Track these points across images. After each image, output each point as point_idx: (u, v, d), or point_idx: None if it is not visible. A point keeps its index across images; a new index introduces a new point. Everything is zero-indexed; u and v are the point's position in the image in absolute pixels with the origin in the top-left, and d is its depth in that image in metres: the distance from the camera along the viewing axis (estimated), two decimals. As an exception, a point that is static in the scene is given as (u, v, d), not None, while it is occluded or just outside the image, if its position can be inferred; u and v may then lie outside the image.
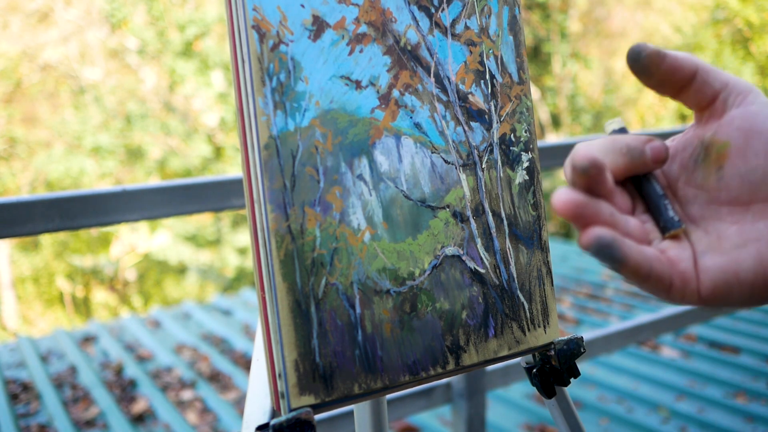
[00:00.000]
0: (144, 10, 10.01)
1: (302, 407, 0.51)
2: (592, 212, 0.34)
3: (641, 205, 0.39)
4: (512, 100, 0.63)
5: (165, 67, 10.00)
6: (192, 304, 4.55)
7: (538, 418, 2.65)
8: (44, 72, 10.58)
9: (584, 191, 0.35)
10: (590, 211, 0.34)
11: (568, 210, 0.34)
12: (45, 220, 1.13)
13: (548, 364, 0.64)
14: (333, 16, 0.55)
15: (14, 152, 10.28)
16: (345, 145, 0.55)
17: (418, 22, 0.59)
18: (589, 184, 0.35)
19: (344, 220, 0.54)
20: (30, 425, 2.73)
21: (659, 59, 0.37)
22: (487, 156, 0.61)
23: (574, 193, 0.34)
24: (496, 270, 0.61)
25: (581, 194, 0.34)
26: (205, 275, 10.31)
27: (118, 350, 3.60)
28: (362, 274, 0.54)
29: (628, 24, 12.22)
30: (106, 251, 11.07)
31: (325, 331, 0.52)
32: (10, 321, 10.32)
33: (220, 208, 1.32)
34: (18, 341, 3.83)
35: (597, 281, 4.49)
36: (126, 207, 1.21)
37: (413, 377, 0.56)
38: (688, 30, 11.31)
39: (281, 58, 0.52)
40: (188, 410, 2.87)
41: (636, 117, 11.98)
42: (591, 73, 12.06)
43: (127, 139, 9.84)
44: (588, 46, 12.15)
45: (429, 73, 0.59)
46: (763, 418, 2.51)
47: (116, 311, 10.89)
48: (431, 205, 0.58)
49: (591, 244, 0.33)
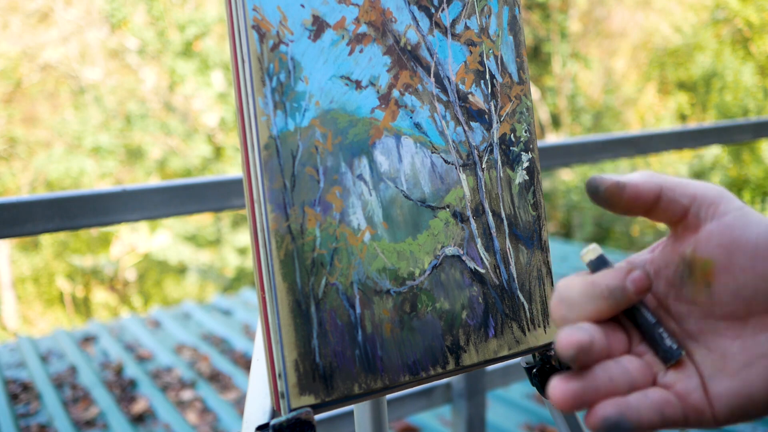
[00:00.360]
0: (144, 10, 10.01)
1: (302, 407, 0.51)
2: (591, 394, 0.34)
3: (637, 334, 0.38)
4: (512, 100, 0.63)
5: (165, 67, 10.00)
6: (192, 304, 4.54)
7: (538, 418, 2.65)
8: (44, 72, 10.58)
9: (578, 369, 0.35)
10: (589, 394, 0.34)
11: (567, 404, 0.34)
12: (45, 220, 1.13)
13: (548, 364, 0.64)
14: (333, 16, 0.55)
15: (14, 152, 10.28)
16: (345, 145, 0.55)
17: (418, 22, 0.59)
18: (581, 364, 0.35)
19: (344, 220, 0.54)
20: (30, 425, 2.73)
21: (619, 191, 0.37)
22: (487, 156, 0.61)
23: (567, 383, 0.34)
24: (496, 270, 0.61)
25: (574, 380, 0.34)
26: (205, 275, 10.31)
27: (118, 350, 3.60)
28: (362, 274, 0.54)
29: (628, 24, 12.22)
30: (106, 251, 11.07)
31: (325, 331, 0.52)
32: (10, 321, 10.32)
33: (220, 208, 1.32)
34: (18, 341, 3.83)
35: (597, 281, 4.49)
36: (126, 207, 1.21)
37: (413, 377, 0.56)
38: (688, 30, 11.31)
39: (281, 58, 0.52)
40: (188, 410, 2.87)
41: (636, 117, 11.98)
42: (591, 73, 12.06)
43: (127, 139, 9.84)
44: (588, 46, 12.15)
45: (429, 73, 0.59)
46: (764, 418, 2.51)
47: (116, 311, 10.89)
48: (431, 205, 0.58)
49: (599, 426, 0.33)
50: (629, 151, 2.02)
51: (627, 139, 2.02)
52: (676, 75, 11.51)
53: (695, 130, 2.25)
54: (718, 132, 2.26)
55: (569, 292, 0.37)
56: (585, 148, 1.89)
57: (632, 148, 2.02)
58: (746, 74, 10.32)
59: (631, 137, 2.04)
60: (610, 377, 0.35)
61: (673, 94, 11.63)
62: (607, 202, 0.38)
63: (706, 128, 2.27)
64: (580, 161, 1.91)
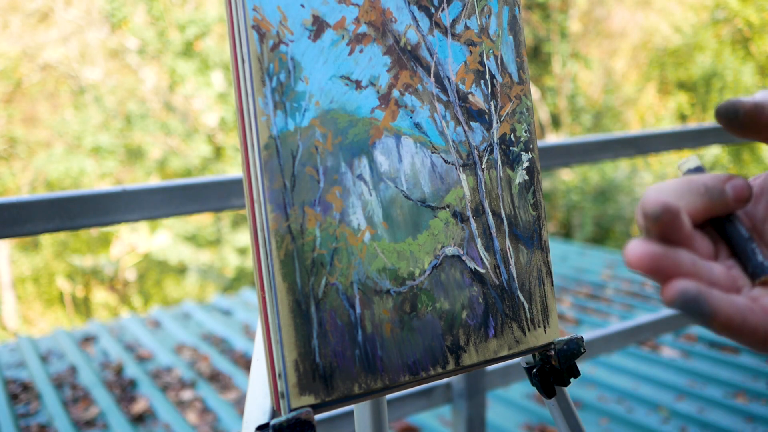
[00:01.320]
0: (144, 10, 10.01)
1: (302, 407, 0.51)
2: (671, 264, 0.31)
3: (725, 250, 0.35)
4: (512, 100, 0.63)
5: (165, 67, 10.00)
6: (192, 304, 4.54)
7: (538, 418, 2.65)
8: (44, 72, 10.58)
9: (660, 240, 0.32)
10: (669, 263, 0.31)
11: (644, 264, 0.31)
12: (45, 220, 1.13)
13: (548, 364, 0.64)
14: (333, 16, 0.55)
15: (14, 152, 10.28)
16: (345, 145, 0.55)
17: (418, 22, 0.59)
18: (664, 232, 0.32)
19: (344, 220, 0.54)
20: (30, 425, 2.73)
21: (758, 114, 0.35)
22: (487, 156, 0.61)
23: (648, 245, 0.31)
24: (496, 270, 0.61)
25: (657, 245, 0.31)
26: (205, 275, 10.31)
27: (118, 350, 3.60)
28: (362, 274, 0.54)
29: (628, 24, 12.22)
30: (106, 251, 11.07)
31: (325, 331, 0.52)
32: (10, 321, 10.32)
33: (220, 208, 1.32)
34: (18, 341, 3.83)
35: (597, 281, 4.49)
36: (126, 207, 1.21)
37: (413, 377, 0.56)
38: (688, 30, 11.31)
39: (281, 58, 0.52)
40: (188, 410, 2.87)
41: (636, 117, 11.98)
42: (591, 73, 12.07)
43: (127, 139, 9.84)
44: (588, 46, 12.15)
45: (429, 73, 0.59)
46: (763, 418, 2.51)
47: (116, 311, 10.89)
48: (431, 205, 0.58)
49: (675, 299, 0.30)
50: (629, 151, 2.02)
51: (627, 139, 2.02)
52: (676, 75, 11.52)
53: (695, 130, 2.25)
54: (718, 132, 2.26)
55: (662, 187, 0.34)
56: (585, 148, 1.89)
57: (632, 148, 2.02)
58: (746, 74, 10.32)
59: (631, 137, 2.04)
60: (694, 262, 0.32)
61: (673, 94, 11.64)
62: (744, 127, 0.35)
63: (706, 128, 2.27)
64: (580, 161, 1.91)
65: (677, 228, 0.32)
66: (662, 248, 0.31)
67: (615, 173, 10.03)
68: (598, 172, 10.08)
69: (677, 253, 0.32)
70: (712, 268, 0.33)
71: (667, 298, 0.31)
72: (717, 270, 0.34)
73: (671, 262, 0.31)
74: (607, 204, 9.95)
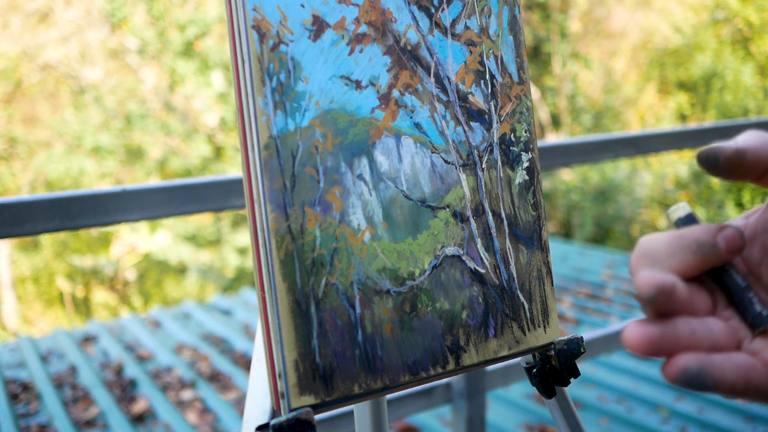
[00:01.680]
0: (144, 10, 10.01)
1: (302, 407, 0.51)
2: (670, 341, 0.31)
3: (723, 299, 0.35)
4: (512, 100, 0.63)
5: (165, 67, 10.00)
6: (192, 304, 4.54)
7: (538, 418, 2.65)
8: (44, 72, 10.58)
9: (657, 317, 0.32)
10: (668, 341, 0.31)
11: (643, 348, 0.31)
12: (45, 220, 1.13)
13: (548, 364, 0.64)
14: (333, 16, 0.55)
15: (14, 152, 10.28)
16: (345, 145, 0.55)
17: (418, 22, 0.59)
18: (661, 310, 0.32)
19: (344, 220, 0.54)
20: (30, 425, 2.73)
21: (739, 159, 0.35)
22: (487, 156, 0.61)
23: (645, 327, 0.31)
24: (496, 270, 0.61)
25: (653, 325, 0.32)
26: (205, 275, 10.31)
27: (118, 350, 3.60)
28: (362, 274, 0.54)
29: (628, 24, 12.22)
30: (106, 251, 11.07)
31: (325, 331, 0.52)
32: (10, 321, 10.32)
33: (220, 208, 1.32)
34: (18, 341, 3.83)
35: (597, 281, 4.49)
36: (126, 207, 1.21)
37: (413, 377, 0.56)
38: (688, 30, 11.31)
39: (281, 58, 0.52)
40: (188, 410, 2.87)
41: (636, 117, 11.98)
42: (591, 73, 12.07)
43: (127, 139, 9.84)
44: (588, 46, 12.15)
45: (429, 73, 0.59)
46: (763, 418, 2.51)
47: (116, 311, 10.89)
48: (431, 205, 0.58)
49: (678, 378, 0.31)
50: (629, 151, 2.02)
51: (627, 139, 2.02)
52: (676, 75, 11.51)
53: (695, 130, 2.25)
54: (718, 132, 2.26)
55: (653, 245, 0.34)
56: (585, 148, 1.89)
57: (632, 148, 2.02)
58: (746, 74, 10.32)
59: (631, 137, 2.04)
60: (692, 331, 0.32)
61: (673, 94, 11.63)
62: (727, 172, 0.35)
63: (706, 128, 2.27)
64: (580, 161, 1.91)
65: (673, 302, 0.32)
66: (659, 328, 0.32)
67: (615, 173, 10.03)
68: (598, 172, 10.08)
69: (675, 326, 0.32)
70: (711, 329, 0.33)
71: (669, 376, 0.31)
72: (716, 328, 0.33)
73: (670, 339, 0.32)
74: (607, 204, 9.95)
